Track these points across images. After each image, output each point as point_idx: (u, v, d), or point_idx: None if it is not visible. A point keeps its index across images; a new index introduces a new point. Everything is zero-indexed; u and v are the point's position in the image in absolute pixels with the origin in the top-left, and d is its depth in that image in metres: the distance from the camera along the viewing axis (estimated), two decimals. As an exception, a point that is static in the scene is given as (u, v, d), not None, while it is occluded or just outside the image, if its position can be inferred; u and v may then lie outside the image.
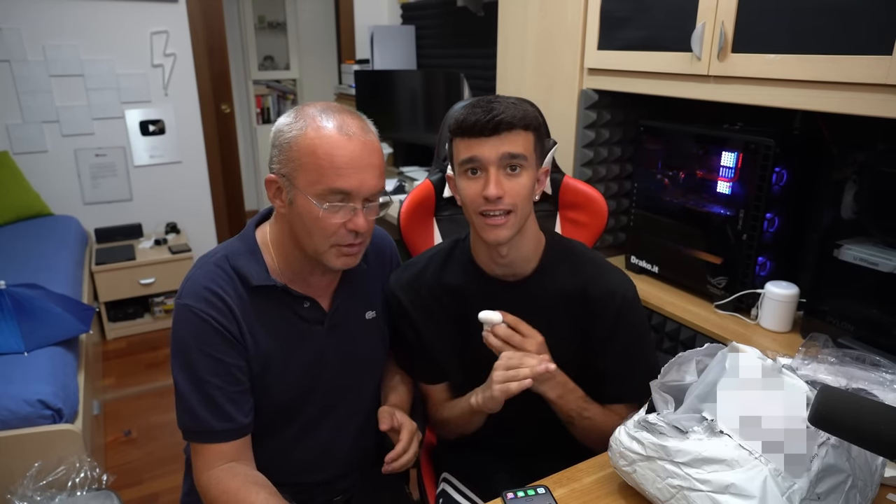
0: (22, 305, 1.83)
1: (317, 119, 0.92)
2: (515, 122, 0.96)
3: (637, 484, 0.85)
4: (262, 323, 0.99)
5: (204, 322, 0.94)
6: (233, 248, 1.01)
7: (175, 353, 0.97)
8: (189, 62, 3.35)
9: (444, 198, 1.50)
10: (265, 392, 1.02)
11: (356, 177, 0.91)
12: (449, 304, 1.13)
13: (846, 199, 1.30)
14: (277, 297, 1.01)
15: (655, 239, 1.74)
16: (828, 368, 1.13)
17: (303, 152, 0.91)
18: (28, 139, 3.09)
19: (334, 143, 0.90)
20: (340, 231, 0.94)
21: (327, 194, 0.91)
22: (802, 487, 0.73)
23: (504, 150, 0.96)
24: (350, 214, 0.93)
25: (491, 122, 0.94)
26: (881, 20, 1.10)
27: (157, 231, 3.46)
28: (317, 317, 1.05)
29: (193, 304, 0.95)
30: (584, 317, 1.09)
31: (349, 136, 0.91)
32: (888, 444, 0.64)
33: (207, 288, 0.96)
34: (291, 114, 0.95)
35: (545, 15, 1.93)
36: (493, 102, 0.97)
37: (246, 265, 0.98)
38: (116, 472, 2.12)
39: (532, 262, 1.09)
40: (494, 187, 0.95)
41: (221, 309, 0.95)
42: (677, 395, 0.88)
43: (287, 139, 0.93)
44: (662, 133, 1.69)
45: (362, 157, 0.92)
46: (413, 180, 2.97)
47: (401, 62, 3.56)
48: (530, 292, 1.09)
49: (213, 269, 0.98)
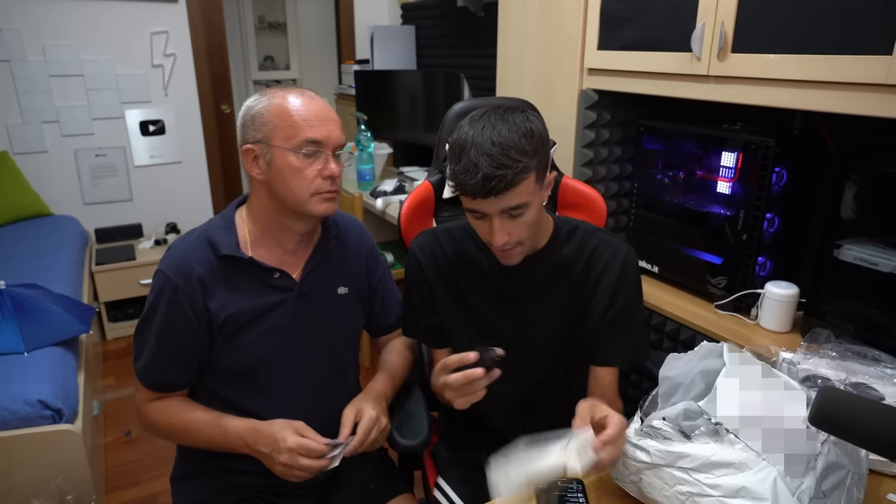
0: (22, 305, 1.83)
1: (278, 91, 1.07)
2: (511, 182, 0.94)
3: (643, 494, 0.84)
4: (230, 289, 1.10)
5: (174, 290, 1.07)
6: (213, 223, 1.14)
7: (146, 307, 1.10)
8: (189, 62, 3.35)
9: (444, 199, 1.50)
10: (236, 352, 1.11)
11: (324, 128, 1.05)
12: (463, 270, 1.18)
13: (846, 199, 1.30)
14: (246, 268, 1.11)
15: (655, 239, 1.74)
16: (829, 363, 1.13)
17: (274, 115, 1.04)
18: (28, 139, 3.09)
19: (301, 103, 1.05)
20: (317, 180, 1.06)
21: (303, 144, 1.04)
22: (810, 486, 0.73)
23: (504, 205, 0.97)
24: (324, 162, 1.06)
25: (489, 189, 0.94)
26: (881, 20, 1.10)
27: (157, 231, 3.45)
28: (287, 285, 1.14)
29: (169, 272, 1.08)
30: (589, 281, 1.13)
31: (310, 97, 1.07)
32: (888, 444, 0.64)
33: (183, 260, 1.09)
34: (255, 95, 1.09)
35: (545, 15, 1.93)
36: (488, 163, 0.93)
37: (219, 237, 1.10)
38: (116, 472, 2.12)
39: (539, 242, 1.14)
40: (499, 237, 1.00)
41: (189, 279, 1.07)
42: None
43: (258, 110, 1.06)
44: (662, 133, 1.69)
45: (326, 112, 1.07)
46: (413, 180, 2.97)
47: (401, 62, 3.56)
48: (539, 264, 1.14)
49: (192, 242, 1.11)
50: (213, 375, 1.13)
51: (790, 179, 1.44)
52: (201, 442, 1.11)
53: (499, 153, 0.93)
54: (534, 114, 1.02)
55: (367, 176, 3.00)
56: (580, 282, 1.13)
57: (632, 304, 1.14)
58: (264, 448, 1.05)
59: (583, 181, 1.56)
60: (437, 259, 1.19)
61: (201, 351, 1.10)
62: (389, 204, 2.67)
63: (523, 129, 0.96)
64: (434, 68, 3.45)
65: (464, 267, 1.17)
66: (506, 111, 0.99)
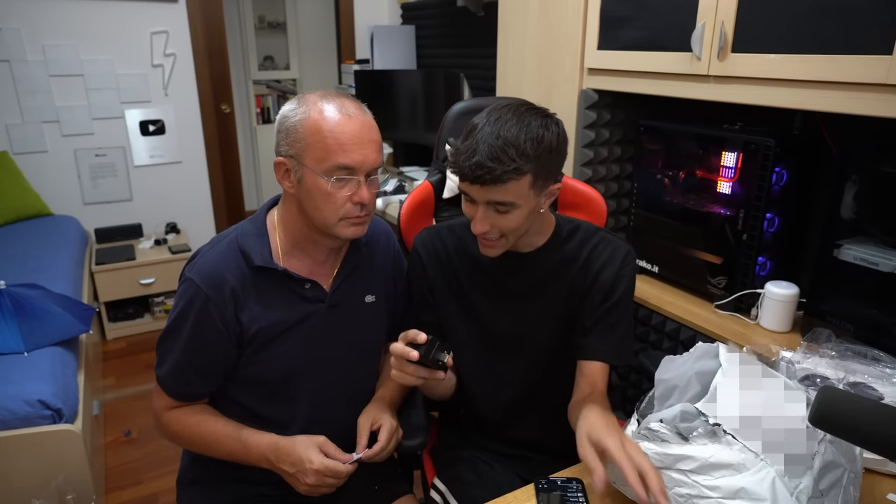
0: (22, 305, 1.83)
1: (318, 103, 0.99)
2: (499, 178, 0.95)
3: None
4: (262, 300, 1.06)
5: (205, 301, 1.03)
6: (244, 229, 1.09)
7: (173, 316, 1.06)
8: (189, 62, 3.35)
9: (444, 199, 1.50)
10: (267, 364, 1.08)
11: (359, 152, 0.98)
12: (464, 266, 1.18)
13: (846, 199, 1.30)
14: (278, 279, 1.07)
15: (655, 239, 1.74)
16: (828, 363, 1.13)
17: (308, 133, 0.98)
18: (28, 139, 3.09)
19: (336, 123, 0.98)
20: (347, 204, 1.01)
21: (334, 170, 0.98)
22: (808, 486, 0.73)
23: (490, 197, 0.99)
24: (355, 188, 1.00)
25: (476, 175, 0.96)
26: (881, 20, 1.10)
27: (157, 231, 3.46)
28: (318, 296, 1.10)
29: (199, 282, 1.03)
30: (587, 277, 1.13)
31: (349, 115, 0.99)
32: (888, 444, 0.64)
33: (215, 269, 1.04)
34: (294, 101, 1.02)
35: (545, 15, 1.93)
36: (486, 151, 0.94)
37: (252, 246, 1.05)
38: (116, 472, 2.12)
39: (539, 241, 1.14)
40: (479, 224, 1.02)
41: (222, 290, 1.03)
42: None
43: (293, 123, 1.00)
44: (662, 133, 1.69)
45: (363, 134, 0.99)
46: (413, 180, 2.97)
47: (401, 62, 3.56)
48: (540, 262, 1.14)
49: (223, 250, 1.06)
50: (237, 385, 1.10)
51: (790, 179, 1.44)
52: (222, 455, 1.08)
53: (498, 147, 0.95)
54: (556, 123, 1.01)
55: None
56: (578, 278, 1.13)
57: (625, 304, 1.13)
58: (288, 467, 1.03)
59: (583, 181, 1.55)
60: (439, 255, 1.20)
61: (228, 362, 1.07)
62: (389, 204, 2.67)
63: (534, 133, 0.96)
64: (434, 68, 3.44)
65: (465, 263, 1.18)
66: (528, 111, 0.99)
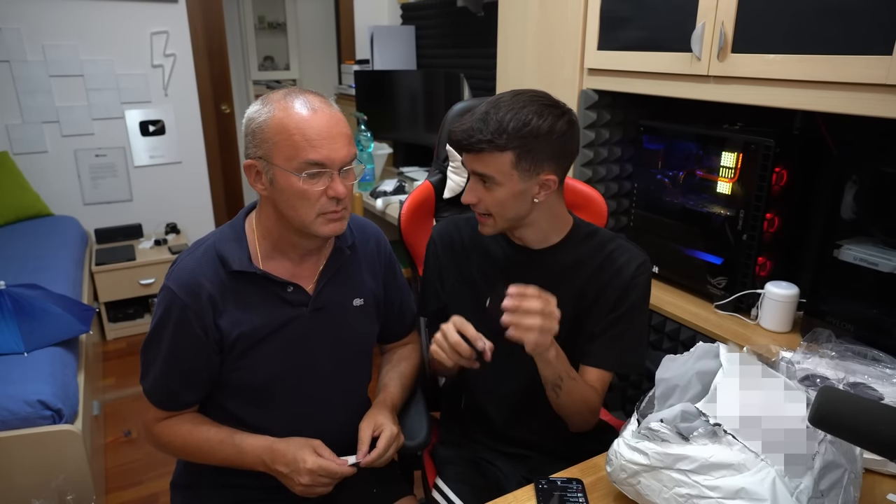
0: (22, 306, 1.83)
1: (282, 101, 0.98)
2: (485, 146, 0.99)
3: (641, 496, 0.83)
4: (242, 305, 1.05)
5: (183, 308, 1.02)
6: (222, 234, 1.08)
7: (153, 325, 1.06)
8: (189, 62, 3.35)
9: (445, 199, 1.50)
10: (251, 369, 1.07)
11: (328, 146, 0.97)
12: (478, 257, 1.20)
13: (846, 199, 1.30)
14: (259, 283, 1.05)
15: (655, 239, 1.74)
16: (828, 363, 1.13)
17: (274, 132, 0.96)
18: (28, 139, 3.09)
19: (302, 119, 0.96)
20: (322, 199, 0.99)
21: (304, 167, 0.96)
22: (808, 486, 0.73)
23: (474, 167, 1.04)
24: (328, 182, 0.99)
25: (457, 140, 1.02)
26: (881, 20, 1.10)
27: (157, 231, 3.45)
28: (301, 300, 1.09)
29: (176, 290, 1.02)
30: (599, 283, 1.12)
31: (315, 110, 0.97)
32: (888, 444, 0.64)
33: (192, 275, 1.03)
34: (258, 102, 1.01)
35: (545, 15, 1.93)
36: (476, 120, 1.01)
37: (229, 251, 1.04)
38: (116, 472, 2.12)
39: (552, 239, 1.15)
40: (467, 194, 1.07)
41: (199, 296, 1.02)
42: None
43: (258, 124, 0.98)
44: (662, 133, 1.69)
45: (330, 128, 0.98)
46: (413, 180, 2.97)
47: (401, 62, 3.56)
48: (552, 259, 1.15)
49: (200, 257, 1.05)
50: (223, 392, 1.10)
51: (790, 179, 1.44)
52: (217, 461, 1.07)
53: (487, 118, 1.00)
54: (559, 117, 1.01)
55: (367, 176, 3.00)
56: (589, 282, 1.13)
57: (634, 313, 1.12)
58: (283, 468, 1.02)
59: (583, 181, 1.55)
60: (454, 245, 1.22)
61: (212, 369, 1.06)
62: (389, 204, 2.67)
63: (524, 116, 0.99)
64: (434, 68, 3.44)
65: (478, 254, 1.20)
66: (534, 99, 1.01)
